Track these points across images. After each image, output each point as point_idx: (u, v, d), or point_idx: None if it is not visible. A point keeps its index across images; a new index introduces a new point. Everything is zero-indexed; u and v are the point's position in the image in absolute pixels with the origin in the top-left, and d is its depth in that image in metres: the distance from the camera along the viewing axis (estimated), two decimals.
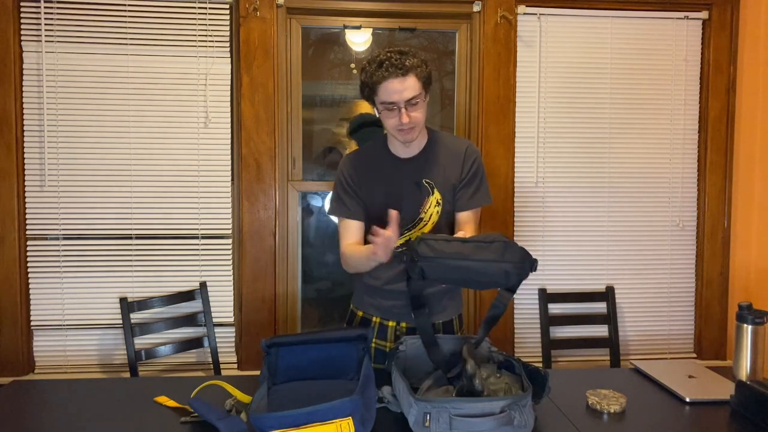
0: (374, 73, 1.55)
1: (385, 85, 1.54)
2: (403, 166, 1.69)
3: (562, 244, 2.68)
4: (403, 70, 1.53)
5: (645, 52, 2.67)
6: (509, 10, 2.55)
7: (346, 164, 1.74)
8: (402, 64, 1.53)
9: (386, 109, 1.58)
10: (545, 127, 2.65)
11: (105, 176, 2.46)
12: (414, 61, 1.56)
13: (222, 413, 1.30)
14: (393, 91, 1.54)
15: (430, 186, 1.67)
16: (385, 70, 1.53)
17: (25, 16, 2.40)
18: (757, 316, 1.61)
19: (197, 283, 2.48)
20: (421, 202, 1.67)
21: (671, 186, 2.72)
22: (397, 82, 1.53)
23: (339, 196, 1.72)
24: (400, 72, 1.53)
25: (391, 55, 1.55)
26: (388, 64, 1.54)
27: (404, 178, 1.68)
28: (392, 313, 1.73)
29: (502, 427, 1.16)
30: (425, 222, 1.68)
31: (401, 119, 1.55)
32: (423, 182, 1.67)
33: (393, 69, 1.53)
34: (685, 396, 1.49)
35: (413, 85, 1.55)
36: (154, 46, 2.46)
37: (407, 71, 1.54)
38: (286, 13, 2.54)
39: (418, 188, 1.67)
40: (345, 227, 1.71)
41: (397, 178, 1.68)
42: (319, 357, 1.48)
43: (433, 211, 1.68)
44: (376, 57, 1.58)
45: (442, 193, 1.67)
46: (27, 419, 1.34)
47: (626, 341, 2.72)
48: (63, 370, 2.49)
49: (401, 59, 1.54)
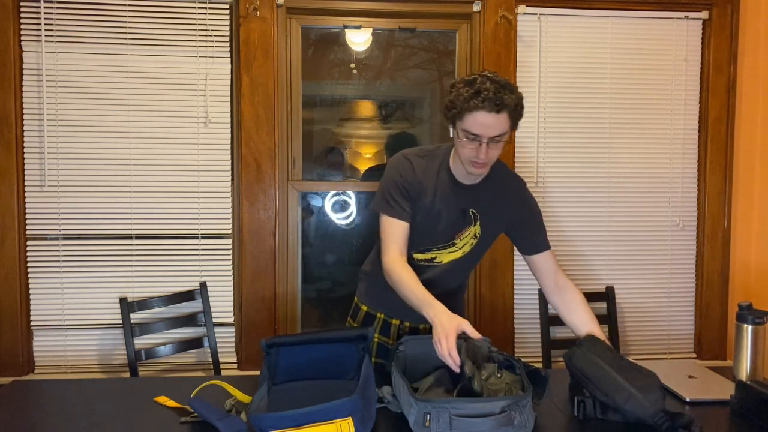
0: (468, 99, 1.43)
1: (475, 115, 1.44)
2: (459, 190, 1.61)
3: (561, 244, 2.68)
4: (500, 106, 1.42)
5: (645, 52, 2.67)
6: (509, 10, 2.55)
7: (404, 164, 1.62)
8: (500, 99, 1.42)
9: (467, 138, 1.47)
10: (545, 126, 2.65)
11: (105, 176, 2.46)
12: (512, 98, 1.44)
13: (222, 413, 1.30)
14: (482, 124, 1.44)
15: (474, 216, 1.63)
16: (481, 102, 1.42)
17: (25, 16, 2.40)
18: (757, 316, 1.60)
19: (197, 283, 2.48)
20: (459, 228, 1.63)
21: (671, 186, 2.72)
22: (490, 117, 1.43)
23: (391, 194, 1.60)
24: (496, 108, 1.42)
25: (490, 86, 1.42)
26: (485, 95, 1.41)
27: (454, 201, 1.61)
28: (398, 311, 1.72)
29: (502, 427, 1.16)
30: (457, 248, 1.65)
31: (479, 154, 1.47)
32: (469, 211, 1.62)
33: (489, 102, 1.41)
34: (685, 396, 1.49)
35: (504, 123, 1.45)
36: (154, 46, 2.46)
37: (503, 108, 1.43)
38: (286, 13, 2.54)
39: (462, 215, 1.62)
40: (392, 228, 1.60)
41: (447, 199, 1.61)
42: (319, 357, 1.47)
43: (468, 242, 1.64)
44: (473, 80, 1.45)
45: (483, 227, 1.64)
46: (27, 419, 1.34)
47: (626, 341, 2.72)
48: (63, 370, 2.49)
49: (499, 94, 1.42)
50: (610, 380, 1.33)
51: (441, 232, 1.63)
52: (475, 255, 1.70)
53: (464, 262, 1.69)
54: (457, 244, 1.65)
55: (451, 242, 1.65)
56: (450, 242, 1.65)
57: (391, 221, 1.60)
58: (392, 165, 1.64)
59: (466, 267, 1.73)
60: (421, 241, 1.65)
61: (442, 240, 1.64)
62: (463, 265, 1.70)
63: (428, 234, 1.64)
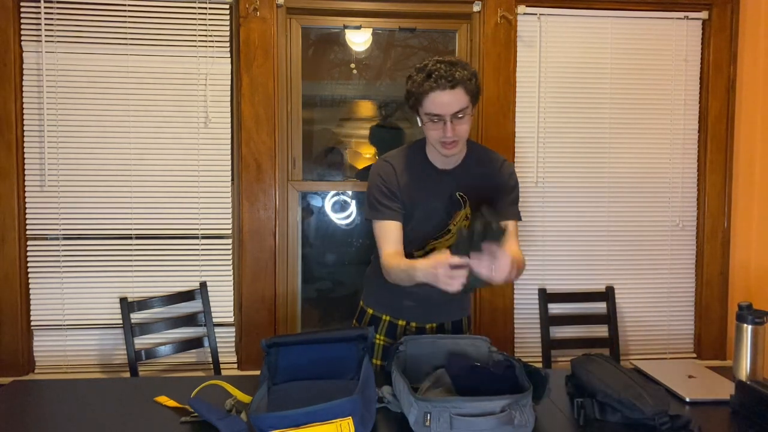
0: (422, 83, 1.49)
1: (432, 96, 1.49)
2: (440, 176, 1.65)
3: (562, 244, 2.68)
4: (453, 82, 1.47)
5: (645, 52, 2.67)
6: (509, 10, 2.55)
7: (383, 168, 1.66)
8: (452, 75, 1.47)
9: (431, 121, 1.53)
10: (545, 127, 2.65)
11: (105, 176, 2.46)
12: (464, 73, 1.49)
13: (222, 413, 1.30)
14: (440, 103, 1.49)
15: (463, 200, 1.64)
16: (434, 81, 1.47)
17: (25, 16, 2.40)
18: (757, 316, 1.60)
19: (197, 283, 2.48)
20: (451, 215, 1.65)
21: (671, 186, 2.72)
22: (445, 94, 1.48)
23: (377, 198, 1.63)
24: (449, 84, 1.47)
25: (440, 66, 1.49)
26: (437, 75, 1.47)
27: (440, 188, 1.64)
28: (403, 312, 1.73)
29: (502, 426, 1.16)
30: (452, 234, 1.66)
31: (446, 132, 1.51)
32: (456, 195, 1.64)
33: (442, 81, 1.47)
34: (685, 396, 1.49)
35: (461, 99, 1.50)
36: (154, 46, 2.46)
37: (456, 83, 1.48)
38: (286, 13, 2.54)
39: (450, 200, 1.64)
40: (383, 229, 1.62)
41: (433, 188, 1.64)
42: (319, 357, 1.47)
43: (462, 225, 1.65)
44: (425, 66, 1.51)
45: (473, 208, 1.65)
46: (27, 419, 1.34)
47: (626, 341, 2.72)
48: (63, 370, 2.49)
49: (451, 70, 1.48)
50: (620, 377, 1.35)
51: (435, 222, 1.65)
52: None
53: None
54: (452, 230, 1.66)
55: (446, 230, 1.66)
56: (445, 230, 1.66)
57: (382, 224, 1.62)
58: (374, 171, 1.67)
59: None
60: (419, 237, 1.66)
61: (437, 230, 1.66)
62: None
63: (424, 226, 1.65)
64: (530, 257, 2.66)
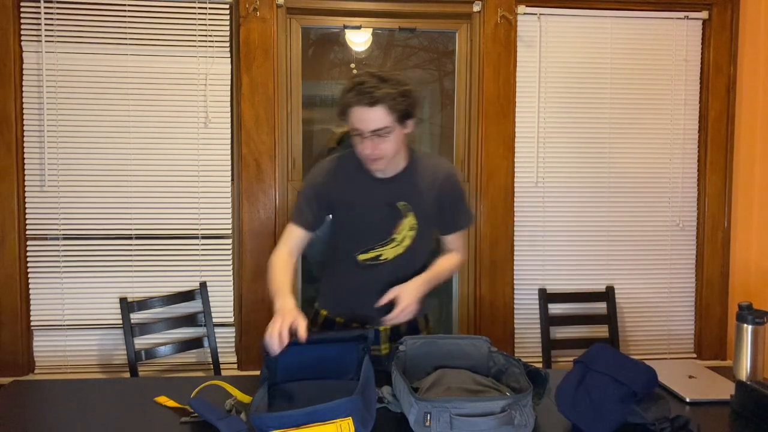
0: (344, 95, 1.48)
1: (352, 111, 1.48)
2: (377, 185, 1.62)
3: (562, 244, 2.68)
4: (372, 99, 1.44)
5: (645, 52, 2.67)
6: (509, 10, 2.55)
7: (319, 171, 1.67)
8: (373, 93, 1.43)
9: (355, 134, 1.52)
10: (545, 127, 2.65)
11: (105, 176, 2.46)
12: (389, 91, 1.44)
13: (222, 413, 1.30)
14: (359, 119, 1.47)
15: (405, 208, 1.62)
16: (354, 96, 1.45)
17: (25, 16, 2.40)
18: (757, 316, 1.60)
19: (197, 283, 2.48)
20: (394, 224, 1.63)
21: (671, 186, 2.72)
22: (364, 111, 1.45)
23: (300, 202, 1.66)
24: (368, 101, 1.44)
25: (366, 80, 1.46)
26: (359, 89, 1.45)
27: (378, 197, 1.62)
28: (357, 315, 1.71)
29: (502, 426, 1.16)
30: (397, 243, 1.64)
31: (365, 149, 1.50)
32: (397, 204, 1.62)
33: (362, 97, 1.44)
34: (685, 396, 1.49)
35: (381, 117, 1.46)
36: (154, 46, 2.46)
37: (376, 101, 1.44)
38: (286, 13, 2.54)
39: (390, 209, 1.62)
40: (287, 231, 1.66)
41: (371, 196, 1.62)
42: (319, 357, 1.47)
43: (407, 235, 1.64)
44: (354, 78, 1.50)
45: (418, 218, 1.63)
46: (27, 419, 1.34)
47: (626, 341, 2.72)
48: (63, 370, 2.49)
49: (375, 87, 1.44)
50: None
51: (376, 230, 1.63)
52: (420, 245, 1.67)
53: (411, 253, 1.67)
54: (397, 239, 1.64)
55: (390, 238, 1.64)
56: (389, 238, 1.64)
57: (290, 227, 1.67)
58: (308, 176, 1.68)
59: (416, 257, 1.69)
60: (360, 240, 1.65)
61: (381, 237, 1.64)
62: (411, 256, 1.67)
63: (364, 233, 1.64)
64: (530, 257, 2.67)
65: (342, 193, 1.63)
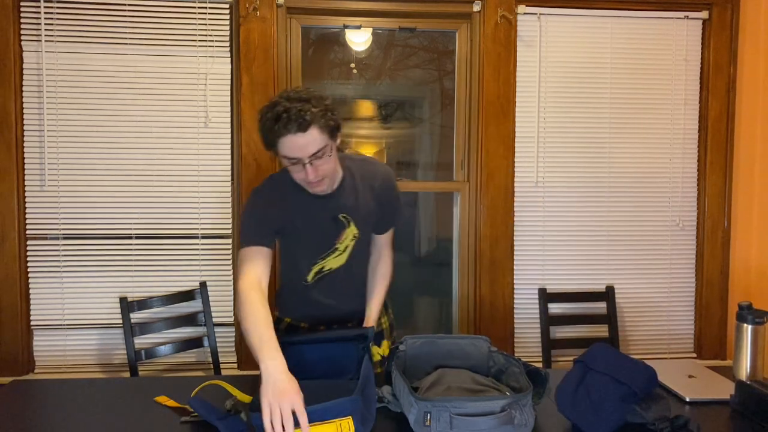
0: (272, 127, 1.39)
1: (284, 141, 1.39)
2: (318, 203, 1.58)
3: (562, 244, 2.68)
4: (304, 124, 1.37)
5: (645, 52, 2.67)
6: (509, 10, 2.55)
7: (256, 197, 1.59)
8: (302, 117, 1.36)
9: (290, 163, 1.44)
10: (545, 127, 2.65)
11: (105, 176, 2.46)
12: (315, 111, 1.38)
13: (222, 413, 1.30)
14: (294, 147, 1.39)
15: (346, 220, 1.62)
16: (283, 126, 1.37)
17: (25, 16, 2.40)
18: (757, 316, 1.60)
19: (197, 283, 2.48)
20: (337, 235, 1.62)
21: (671, 186, 2.72)
22: (298, 137, 1.38)
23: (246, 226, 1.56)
24: (300, 127, 1.37)
25: (290, 107, 1.37)
26: (286, 117, 1.36)
27: (319, 213, 1.59)
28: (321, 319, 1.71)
29: (502, 426, 1.16)
30: (340, 252, 1.65)
31: (308, 176, 1.43)
32: (339, 217, 1.61)
33: (292, 124, 1.36)
34: (685, 396, 1.48)
35: (316, 139, 1.39)
36: (154, 46, 2.46)
37: (308, 125, 1.37)
38: (286, 13, 2.54)
39: (334, 222, 1.61)
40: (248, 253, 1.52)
41: (314, 215, 1.59)
42: (319, 357, 1.48)
43: (350, 243, 1.65)
44: (274, 106, 1.40)
45: (359, 226, 1.64)
46: (27, 419, 1.34)
47: (626, 341, 2.72)
48: (63, 369, 2.49)
49: (302, 111, 1.37)
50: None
51: (320, 244, 1.63)
52: (361, 250, 1.69)
53: (354, 260, 1.68)
54: (339, 248, 1.64)
55: (333, 248, 1.64)
56: (332, 249, 1.64)
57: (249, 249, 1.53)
58: (247, 202, 1.61)
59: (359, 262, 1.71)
60: (306, 255, 1.65)
61: (324, 249, 1.64)
62: (354, 263, 1.69)
63: (310, 248, 1.64)
64: (530, 257, 2.67)
65: (285, 217, 1.58)
